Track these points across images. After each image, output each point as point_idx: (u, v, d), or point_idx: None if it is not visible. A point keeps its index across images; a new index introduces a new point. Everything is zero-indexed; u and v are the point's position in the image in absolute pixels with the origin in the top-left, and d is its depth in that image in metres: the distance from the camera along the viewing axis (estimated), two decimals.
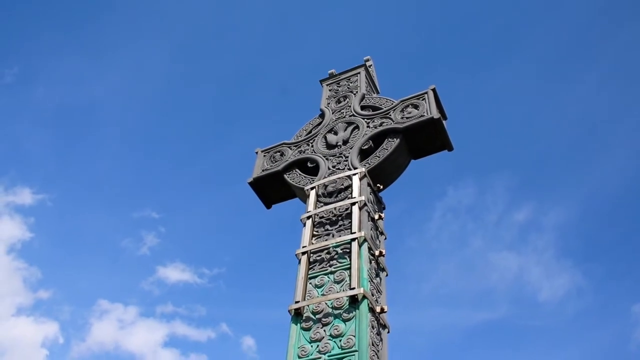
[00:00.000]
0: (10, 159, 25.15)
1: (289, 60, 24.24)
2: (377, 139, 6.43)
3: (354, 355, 4.40)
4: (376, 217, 5.83)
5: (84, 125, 24.70)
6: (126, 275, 26.12)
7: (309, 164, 6.68)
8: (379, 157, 6.20)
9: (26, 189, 25.40)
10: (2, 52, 24.21)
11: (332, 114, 7.31)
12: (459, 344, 20.57)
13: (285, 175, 6.73)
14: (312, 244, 5.52)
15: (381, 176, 6.20)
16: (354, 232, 5.31)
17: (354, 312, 4.69)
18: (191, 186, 25.08)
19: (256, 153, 7.33)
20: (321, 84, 8.17)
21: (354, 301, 4.74)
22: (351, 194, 5.78)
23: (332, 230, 5.58)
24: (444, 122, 6.41)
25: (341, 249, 5.29)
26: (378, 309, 4.92)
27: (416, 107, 6.53)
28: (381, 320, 4.93)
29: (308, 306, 4.93)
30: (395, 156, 6.25)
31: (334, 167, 6.35)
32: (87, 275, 25.48)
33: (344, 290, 4.89)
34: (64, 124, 24.97)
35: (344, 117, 7.11)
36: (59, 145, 25.18)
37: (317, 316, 4.84)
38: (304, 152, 6.89)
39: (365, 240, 5.25)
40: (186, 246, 26.44)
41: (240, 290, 24.48)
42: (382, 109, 6.87)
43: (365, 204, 5.62)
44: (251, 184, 6.99)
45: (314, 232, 5.67)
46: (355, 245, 5.17)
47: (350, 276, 4.96)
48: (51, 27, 24.21)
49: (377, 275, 5.31)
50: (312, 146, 6.90)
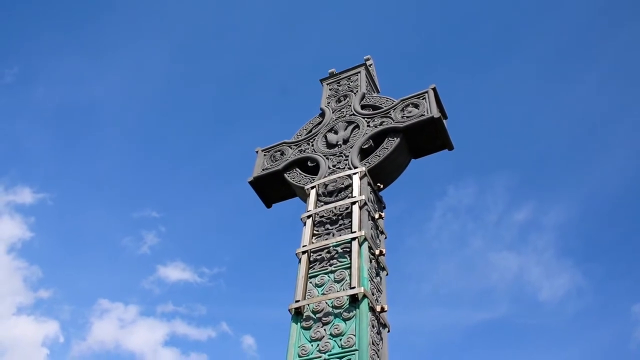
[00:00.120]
0: (11, 158, 25.19)
1: (289, 59, 24.26)
2: (378, 138, 6.43)
3: (354, 354, 4.40)
4: (376, 216, 5.83)
5: (84, 124, 24.74)
6: (126, 274, 26.15)
7: (309, 163, 6.68)
8: (379, 156, 6.20)
9: (26, 188, 25.44)
10: (3, 52, 24.25)
11: (333, 113, 7.31)
12: (459, 344, 20.59)
13: (285, 175, 6.73)
14: (313, 243, 5.52)
15: (381, 175, 6.20)
16: (354, 232, 5.31)
17: (354, 311, 4.69)
18: (191, 185, 25.11)
19: (256, 152, 7.33)
20: (321, 83, 8.17)
21: (354, 300, 4.75)
22: (351, 193, 5.78)
23: (332, 229, 5.58)
24: (444, 121, 6.41)
25: (341, 248, 5.28)
26: (378, 308, 4.92)
27: (416, 106, 6.53)
28: (381, 320, 4.93)
29: (308, 305, 4.93)
30: (395, 155, 6.25)
31: (334, 166, 6.35)
32: (87, 274, 25.51)
33: (344, 290, 4.89)
34: (64, 123, 25.01)
35: (344, 116, 7.10)
36: (59, 144, 25.22)
37: (317, 315, 4.84)
38: (304, 152, 6.89)
39: (365, 239, 5.25)
40: (186, 245, 26.47)
41: (241, 289, 24.51)
42: (382, 108, 6.87)
43: (365, 203, 5.62)
44: (251, 183, 7.00)
45: (314, 231, 5.67)
46: (355, 244, 5.17)
47: (350, 275, 4.96)
48: (51, 27, 24.24)
49: (378, 275, 5.31)
50: (313, 145, 6.90)
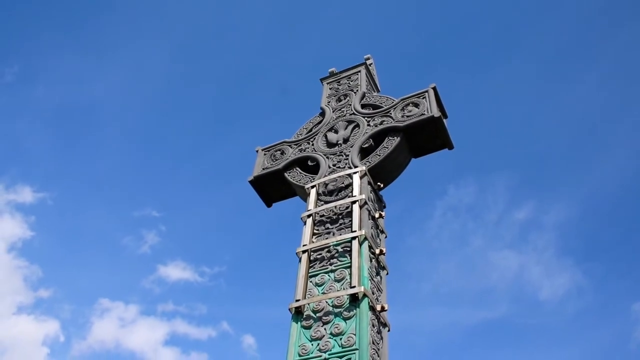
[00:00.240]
0: (11, 157, 25.18)
1: (290, 59, 24.25)
2: (378, 138, 6.43)
3: (354, 353, 4.40)
4: (377, 215, 5.83)
5: (84, 124, 24.73)
6: (127, 273, 26.15)
7: (309, 163, 6.68)
8: (379, 155, 6.20)
9: (27, 187, 25.43)
10: (3, 51, 24.23)
11: (333, 112, 7.30)
12: (459, 343, 20.59)
13: (285, 174, 6.73)
14: (313, 242, 5.52)
15: (382, 174, 6.20)
16: (355, 231, 5.31)
17: (354, 311, 4.69)
18: (192, 185, 25.09)
19: (256, 151, 7.33)
20: (322, 83, 8.17)
21: (354, 299, 4.75)
22: (352, 192, 5.78)
23: (332, 228, 5.58)
24: (444, 120, 6.41)
25: (342, 248, 5.28)
26: (378, 308, 4.92)
27: (417, 105, 6.53)
28: (382, 319, 4.93)
29: (308, 304, 4.94)
30: (395, 155, 6.25)
31: (334, 165, 6.35)
32: (87, 273, 25.49)
33: (344, 289, 4.89)
34: (65, 122, 25.00)
35: (345, 115, 7.10)
36: (59, 143, 25.20)
37: (317, 314, 4.84)
38: (304, 151, 6.89)
39: (365, 238, 5.25)
40: (187, 245, 26.47)
41: (241, 288, 24.51)
42: (382, 107, 6.86)
43: (365, 203, 5.62)
44: (252, 182, 7.00)
45: (315, 231, 5.67)
46: (355, 243, 5.17)
47: (350, 275, 4.96)
48: (51, 27, 24.21)
49: (378, 274, 5.31)
50: (313, 145, 6.90)
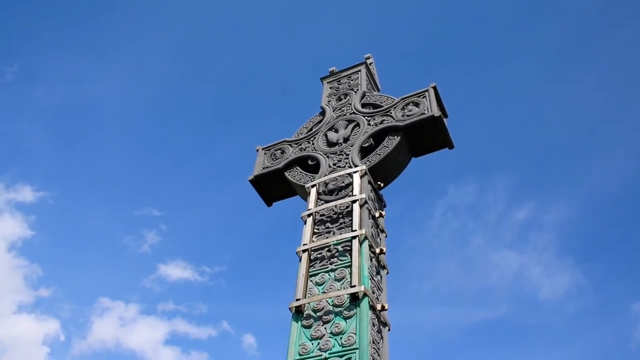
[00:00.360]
0: (11, 156, 25.17)
1: (290, 58, 24.24)
2: (378, 137, 6.43)
3: (354, 352, 4.40)
4: (377, 214, 5.82)
5: (84, 123, 24.72)
6: (127, 273, 26.14)
7: (309, 162, 6.68)
8: (379, 154, 6.20)
9: (27, 186, 25.40)
10: (3, 51, 24.22)
11: (333, 111, 7.30)
12: (460, 342, 20.60)
13: (286, 173, 6.73)
14: (313, 241, 5.52)
15: (382, 174, 6.20)
16: (355, 230, 5.30)
17: (354, 310, 4.69)
18: (192, 184, 25.09)
19: (257, 151, 7.33)
20: (322, 82, 8.16)
21: (354, 299, 4.75)
22: (352, 191, 5.78)
23: (332, 227, 5.58)
24: (444, 120, 6.41)
25: (342, 247, 5.28)
26: (379, 307, 4.92)
27: (417, 104, 6.52)
28: (382, 318, 4.93)
29: (309, 304, 4.93)
30: (396, 154, 6.25)
31: (334, 164, 6.35)
32: (88, 273, 25.48)
33: (344, 288, 4.89)
34: (65, 122, 24.99)
35: (345, 114, 7.10)
36: (59, 143, 25.19)
37: (317, 314, 4.84)
38: (304, 150, 6.88)
39: (366, 238, 5.25)
40: (187, 244, 26.47)
41: (241, 288, 24.51)
42: (382, 106, 6.86)
43: (365, 202, 5.62)
44: (252, 181, 7.00)
45: (315, 230, 5.67)
46: (356, 243, 5.17)
47: (351, 274, 4.96)
48: (51, 26, 24.20)
49: (378, 273, 5.31)
50: (313, 144, 6.90)
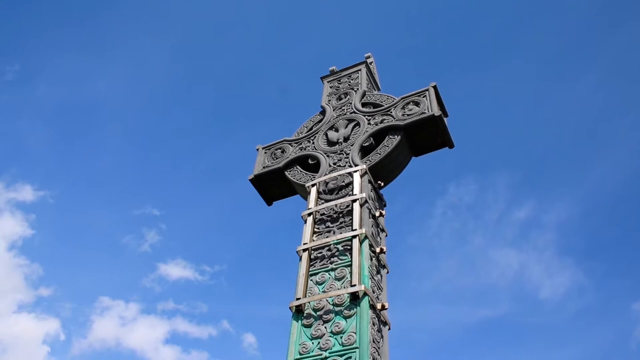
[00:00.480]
0: (12, 155, 25.14)
1: (290, 57, 24.22)
2: (378, 136, 6.43)
3: (354, 352, 4.41)
4: (377, 214, 5.83)
5: (85, 122, 24.70)
6: (127, 272, 26.12)
7: (309, 161, 6.68)
8: (379, 154, 6.20)
9: (27, 185, 25.37)
10: (4, 50, 24.19)
11: (333, 110, 7.30)
12: (460, 341, 20.59)
13: (286, 172, 6.73)
14: (313, 240, 5.52)
15: (382, 173, 6.20)
16: (355, 229, 5.31)
17: (354, 309, 4.70)
18: (192, 183, 25.07)
19: (257, 150, 7.34)
20: (322, 81, 8.16)
21: (354, 298, 4.75)
22: (352, 191, 5.78)
23: (333, 227, 5.58)
24: (444, 119, 6.40)
25: (342, 246, 5.29)
26: (379, 306, 4.93)
27: (417, 104, 6.52)
28: (382, 317, 4.93)
29: (309, 303, 4.94)
30: (396, 153, 6.25)
31: (334, 164, 6.35)
32: (88, 272, 25.46)
33: (344, 287, 4.90)
34: (65, 121, 24.95)
35: (345, 114, 7.10)
36: (60, 142, 25.16)
37: (318, 313, 4.85)
38: (304, 149, 6.89)
39: (366, 237, 5.25)
40: (187, 243, 26.45)
41: (241, 287, 24.51)
42: (383, 106, 6.86)
43: (366, 201, 5.63)
44: (252, 180, 7.00)
45: (315, 229, 5.67)
46: (356, 242, 5.17)
47: (351, 273, 4.96)
48: (52, 25, 24.16)
49: (378, 273, 5.31)
50: (313, 143, 6.90)
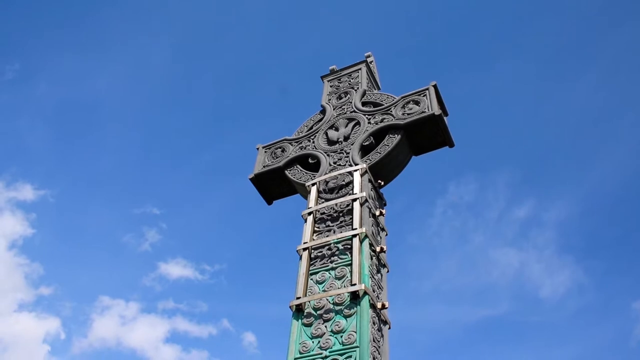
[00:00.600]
0: (12, 155, 25.14)
1: (290, 56, 24.23)
2: (378, 135, 6.43)
3: (355, 351, 4.41)
4: (377, 213, 5.83)
5: (85, 121, 24.70)
6: (127, 271, 26.14)
7: (310, 160, 6.68)
8: (380, 153, 6.20)
9: (27, 184, 25.35)
10: (4, 49, 24.19)
11: (333, 110, 7.30)
12: (460, 340, 20.60)
13: (286, 171, 6.73)
14: (313, 240, 5.52)
15: (382, 172, 6.20)
16: (355, 228, 5.30)
17: (355, 308, 4.70)
18: (192, 182, 25.07)
19: (257, 149, 7.34)
20: (322, 80, 8.16)
21: (355, 297, 4.75)
22: (352, 190, 5.78)
23: (333, 226, 5.58)
24: (445, 118, 6.40)
25: (342, 245, 5.29)
26: (379, 305, 4.93)
27: (417, 103, 6.52)
28: (382, 317, 4.93)
29: (309, 302, 4.94)
30: (396, 152, 6.25)
31: (335, 163, 6.35)
32: (88, 271, 25.47)
33: (345, 287, 4.90)
34: (66, 120, 24.96)
35: (345, 113, 7.10)
36: (60, 141, 25.15)
37: (318, 312, 4.85)
38: (305, 148, 6.88)
39: (366, 236, 5.25)
40: (187, 242, 26.45)
41: (242, 286, 24.52)
42: (383, 105, 6.86)
43: (366, 200, 5.62)
44: (252, 180, 7.00)
45: (315, 228, 5.67)
46: (356, 241, 5.17)
47: (351, 272, 4.96)
48: (52, 24, 24.16)
49: (378, 272, 5.31)
50: (313, 142, 6.89)
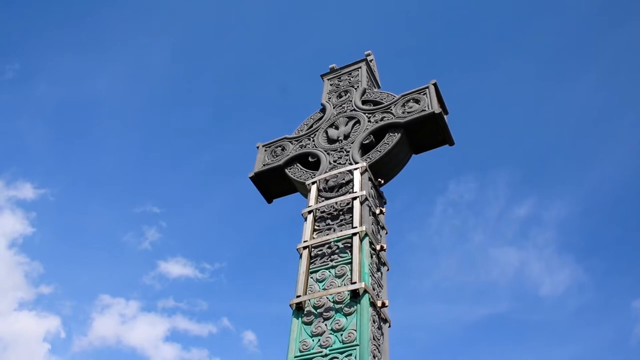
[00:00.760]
0: (12, 154, 25.18)
1: (290, 55, 24.24)
2: (378, 134, 6.43)
3: (355, 349, 4.41)
4: (377, 211, 5.83)
5: (85, 120, 24.75)
6: (127, 270, 26.19)
7: (310, 159, 6.67)
8: (380, 151, 6.20)
9: (28, 183, 25.40)
10: (4, 48, 24.22)
11: (333, 108, 7.30)
12: (460, 339, 20.63)
13: (286, 170, 6.73)
14: (314, 238, 5.52)
15: (382, 171, 6.20)
16: (355, 227, 5.30)
17: (355, 307, 4.70)
18: (192, 181, 25.10)
19: (257, 148, 7.33)
20: (322, 79, 8.15)
21: (355, 295, 4.75)
22: (352, 188, 5.78)
23: (333, 224, 5.58)
24: (445, 116, 6.40)
25: (342, 244, 5.29)
26: (379, 304, 4.93)
27: (417, 101, 6.52)
28: (382, 315, 4.94)
29: (309, 300, 4.94)
30: (396, 151, 6.25)
31: (335, 161, 6.35)
32: (88, 270, 25.53)
33: (345, 285, 4.90)
34: (66, 119, 25.00)
35: (345, 111, 7.10)
36: (60, 140, 25.20)
37: (318, 310, 4.85)
38: (305, 147, 6.88)
39: (366, 234, 5.25)
40: (187, 241, 26.48)
41: (242, 284, 24.56)
42: (383, 103, 6.86)
43: (366, 199, 5.62)
44: (252, 178, 7.00)
45: (315, 227, 5.67)
46: (356, 239, 5.17)
47: (351, 270, 4.96)
48: (52, 24, 24.20)
49: (378, 270, 5.31)
50: (313, 141, 6.89)
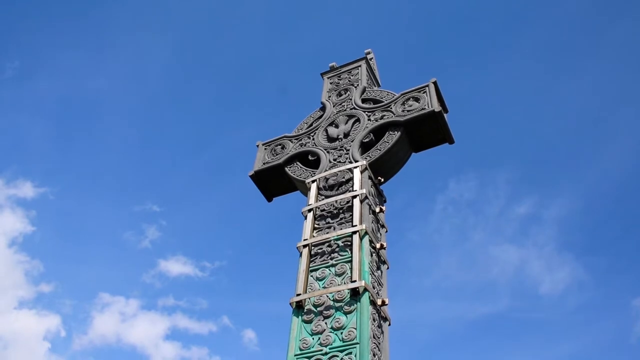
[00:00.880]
0: (12, 152, 25.20)
1: (290, 53, 24.23)
2: (378, 132, 6.42)
3: (355, 347, 4.41)
4: (377, 210, 5.83)
5: (85, 118, 24.76)
6: (128, 268, 26.23)
7: (310, 157, 6.67)
8: (380, 150, 6.20)
9: (28, 182, 25.43)
10: (4, 46, 24.22)
11: (333, 107, 7.29)
12: (460, 337, 20.65)
13: (286, 168, 6.73)
14: (314, 236, 5.52)
15: (382, 169, 6.20)
16: (355, 225, 5.31)
17: (355, 305, 4.70)
18: (192, 180, 25.13)
19: (257, 146, 7.33)
20: (322, 77, 8.15)
21: (355, 294, 4.75)
22: (352, 187, 5.78)
23: (333, 223, 5.58)
24: (445, 115, 6.40)
25: (342, 242, 5.29)
26: (379, 302, 4.93)
27: (417, 100, 6.51)
28: (382, 313, 4.94)
29: (309, 299, 4.94)
30: (396, 149, 6.25)
31: (335, 160, 6.34)
32: (88, 268, 25.57)
33: (345, 283, 4.90)
34: (66, 117, 25.02)
35: (345, 110, 7.09)
36: (60, 138, 25.23)
37: (318, 309, 4.85)
38: (305, 145, 6.88)
39: (366, 233, 5.25)
40: (187, 239, 26.51)
41: (242, 283, 24.58)
42: (383, 102, 6.85)
43: (366, 197, 5.62)
44: (252, 177, 6.99)
45: (315, 225, 5.67)
46: (356, 238, 5.17)
47: (351, 269, 4.96)
48: (52, 21, 24.20)
49: (378, 268, 5.32)
50: (313, 139, 6.89)
